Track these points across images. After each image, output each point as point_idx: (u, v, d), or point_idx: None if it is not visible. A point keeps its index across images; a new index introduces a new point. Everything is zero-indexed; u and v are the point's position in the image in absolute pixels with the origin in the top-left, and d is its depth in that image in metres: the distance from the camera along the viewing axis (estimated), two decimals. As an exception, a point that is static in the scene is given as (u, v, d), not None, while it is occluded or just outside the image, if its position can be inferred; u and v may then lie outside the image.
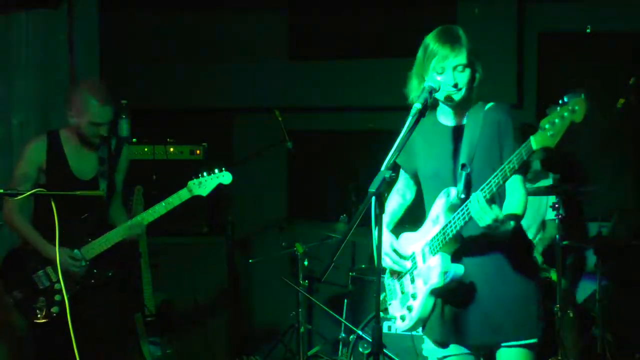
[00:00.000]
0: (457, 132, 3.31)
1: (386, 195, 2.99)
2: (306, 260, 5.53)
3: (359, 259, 6.10)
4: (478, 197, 3.00)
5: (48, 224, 4.02)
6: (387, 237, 3.42)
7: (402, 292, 3.41)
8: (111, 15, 6.03)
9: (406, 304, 3.36)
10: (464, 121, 3.30)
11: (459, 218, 3.11)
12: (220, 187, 4.52)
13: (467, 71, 3.23)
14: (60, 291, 4.23)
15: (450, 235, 3.15)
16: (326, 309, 5.36)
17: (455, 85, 3.22)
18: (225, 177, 4.47)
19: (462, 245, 3.21)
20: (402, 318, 3.38)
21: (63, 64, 5.47)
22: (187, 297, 5.90)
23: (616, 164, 5.90)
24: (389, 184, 3.02)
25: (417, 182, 3.50)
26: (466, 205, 3.07)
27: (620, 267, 5.68)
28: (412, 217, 3.55)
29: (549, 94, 6.05)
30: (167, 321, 5.66)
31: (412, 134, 3.09)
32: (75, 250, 4.29)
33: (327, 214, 6.04)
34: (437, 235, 3.22)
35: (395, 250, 3.40)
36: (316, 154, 6.57)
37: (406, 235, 3.42)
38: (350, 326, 5.04)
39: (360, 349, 4.90)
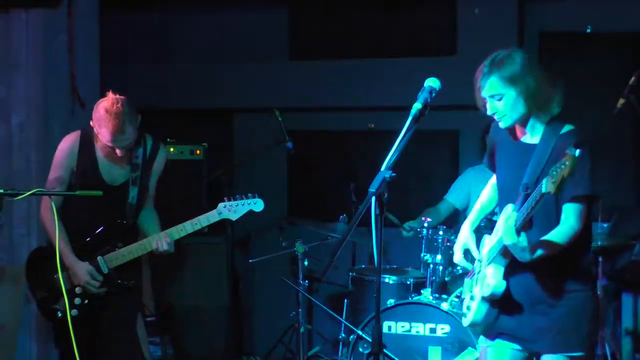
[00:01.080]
0: (529, 150, 3.34)
1: (386, 195, 3.00)
2: (306, 260, 5.53)
3: (359, 259, 6.10)
4: (510, 219, 3.10)
5: (76, 228, 4.20)
6: (464, 235, 3.57)
7: (469, 292, 3.53)
8: (111, 15, 6.03)
9: (468, 303, 3.50)
10: (538, 139, 3.33)
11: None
12: (250, 213, 4.44)
13: (506, 98, 3.26)
14: (80, 295, 4.23)
15: (499, 249, 3.26)
16: (326, 309, 5.36)
17: (494, 114, 3.30)
18: (257, 205, 4.37)
19: (514, 259, 3.25)
20: (464, 315, 3.52)
21: (63, 64, 5.47)
22: (187, 297, 5.89)
23: (616, 164, 5.90)
24: (389, 184, 3.03)
25: None
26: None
27: (620, 267, 5.69)
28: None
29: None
30: (167, 321, 5.66)
31: (411, 133, 3.10)
32: (99, 257, 4.26)
33: (327, 214, 6.03)
34: (493, 246, 3.33)
35: (467, 249, 3.53)
36: (316, 154, 6.58)
37: (486, 238, 3.50)
38: (350, 326, 5.04)
39: (360, 349, 4.89)
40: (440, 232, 4.99)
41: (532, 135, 3.36)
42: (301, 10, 6.60)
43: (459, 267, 4.92)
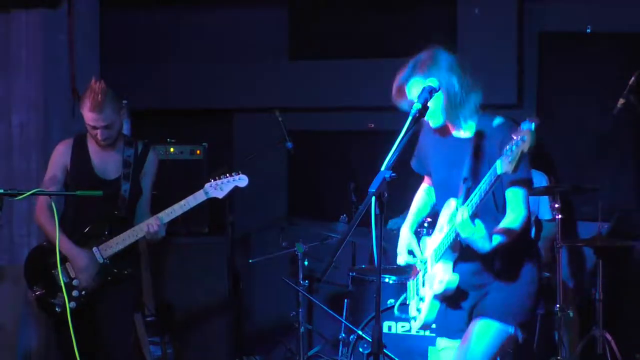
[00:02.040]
0: (462, 144, 3.37)
1: (386, 195, 3.01)
2: (306, 260, 5.53)
3: (359, 259, 6.10)
4: (462, 211, 3.11)
5: (74, 222, 4.35)
6: (405, 235, 3.56)
7: (417, 294, 3.54)
8: (111, 15, 6.03)
9: (417, 306, 3.50)
10: (471, 133, 3.36)
11: (452, 229, 3.20)
12: (236, 190, 4.53)
13: (434, 100, 3.25)
14: (77, 287, 4.33)
15: (447, 245, 3.26)
16: (326, 309, 5.36)
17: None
18: (241, 180, 4.50)
19: (461, 253, 3.30)
20: (414, 319, 3.53)
21: (63, 64, 5.47)
22: (187, 297, 5.90)
23: (616, 164, 5.89)
24: (389, 184, 3.03)
25: None
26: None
27: (620, 267, 5.68)
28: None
29: (549, 94, 6.05)
30: (167, 321, 5.66)
31: (411, 133, 3.11)
32: (94, 248, 4.35)
33: (327, 214, 6.03)
34: (440, 243, 3.33)
35: (411, 251, 3.52)
36: (316, 154, 6.57)
37: (427, 240, 3.51)
38: (350, 326, 5.04)
39: (361, 349, 4.90)
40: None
41: (464, 130, 3.39)
42: (301, 10, 6.59)
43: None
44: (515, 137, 2.84)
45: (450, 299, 3.40)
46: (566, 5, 5.99)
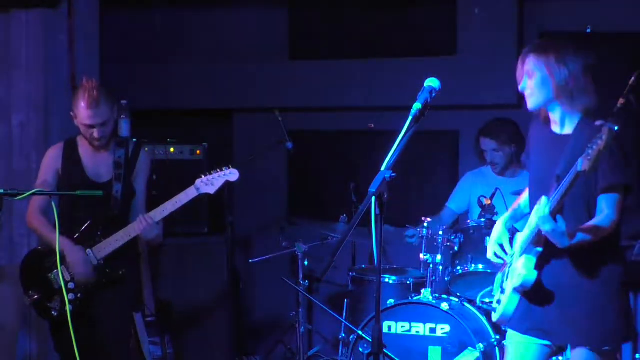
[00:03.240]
0: (561, 141, 3.38)
1: (386, 195, 3.01)
2: (306, 260, 5.53)
3: (359, 259, 6.10)
4: (544, 203, 3.13)
5: (68, 224, 4.29)
6: (497, 230, 3.57)
7: (500, 286, 3.54)
8: (111, 15, 6.03)
9: (498, 298, 3.52)
10: (572, 130, 3.38)
11: (536, 224, 3.21)
12: (227, 184, 4.54)
13: (536, 78, 3.35)
14: (73, 290, 4.33)
15: (530, 240, 3.28)
16: (326, 309, 5.36)
17: (524, 92, 3.38)
18: (232, 175, 4.50)
19: (546, 249, 3.29)
20: (495, 310, 3.53)
21: (63, 64, 5.47)
22: (187, 297, 5.90)
23: (616, 164, 5.88)
24: (389, 184, 3.03)
25: None
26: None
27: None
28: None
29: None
30: (167, 321, 5.66)
31: (411, 133, 3.11)
32: (87, 250, 4.35)
33: (327, 214, 6.03)
34: (525, 237, 3.34)
35: (501, 245, 3.52)
36: (316, 154, 6.57)
37: (518, 235, 3.49)
38: (351, 326, 5.03)
39: (361, 349, 4.89)
40: (440, 232, 4.98)
41: (564, 127, 3.41)
42: (301, 10, 6.59)
43: (458, 267, 4.92)
44: (597, 135, 2.87)
45: (532, 295, 3.37)
46: (566, 5, 5.98)
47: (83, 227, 4.37)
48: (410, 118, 3.15)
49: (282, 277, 5.59)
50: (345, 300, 5.50)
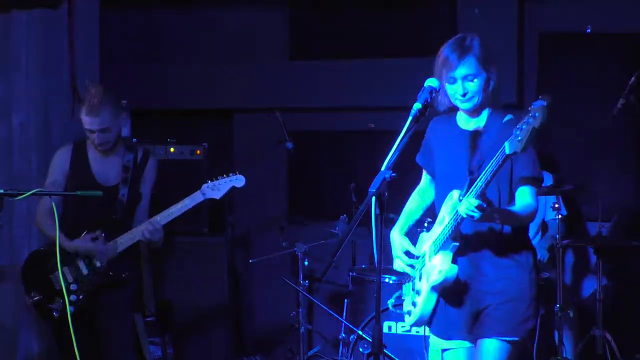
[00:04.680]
0: (473, 137, 3.39)
1: (386, 195, 3.01)
2: (306, 260, 5.53)
3: (359, 259, 6.10)
4: (457, 196, 3.18)
5: (73, 226, 4.36)
6: (398, 239, 3.54)
7: (413, 289, 3.52)
8: (111, 15, 6.03)
9: (412, 300, 3.48)
10: (482, 126, 3.39)
11: (453, 219, 3.21)
12: (234, 189, 4.55)
13: (477, 80, 3.34)
14: (75, 291, 4.35)
15: (447, 235, 3.26)
16: (326, 309, 5.36)
17: (464, 95, 3.33)
18: (238, 180, 4.52)
19: (462, 244, 3.29)
20: (409, 313, 3.51)
21: (63, 64, 5.47)
22: (187, 297, 5.90)
23: (616, 164, 5.89)
24: (389, 184, 3.04)
25: None
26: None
27: (620, 267, 5.69)
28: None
29: (548, 94, 6.04)
30: (167, 321, 5.66)
31: (411, 133, 3.12)
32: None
33: (327, 214, 6.03)
34: (439, 234, 3.32)
35: (407, 252, 3.51)
36: (316, 154, 6.57)
37: (424, 235, 3.51)
38: (351, 326, 5.04)
39: (361, 349, 4.90)
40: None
41: (476, 123, 3.41)
42: (301, 10, 6.59)
43: None
44: (526, 115, 2.86)
45: (449, 294, 3.38)
46: (566, 5, 5.98)
47: (86, 230, 4.37)
48: (410, 118, 3.16)
49: (282, 277, 5.59)
50: (346, 300, 5.50)
